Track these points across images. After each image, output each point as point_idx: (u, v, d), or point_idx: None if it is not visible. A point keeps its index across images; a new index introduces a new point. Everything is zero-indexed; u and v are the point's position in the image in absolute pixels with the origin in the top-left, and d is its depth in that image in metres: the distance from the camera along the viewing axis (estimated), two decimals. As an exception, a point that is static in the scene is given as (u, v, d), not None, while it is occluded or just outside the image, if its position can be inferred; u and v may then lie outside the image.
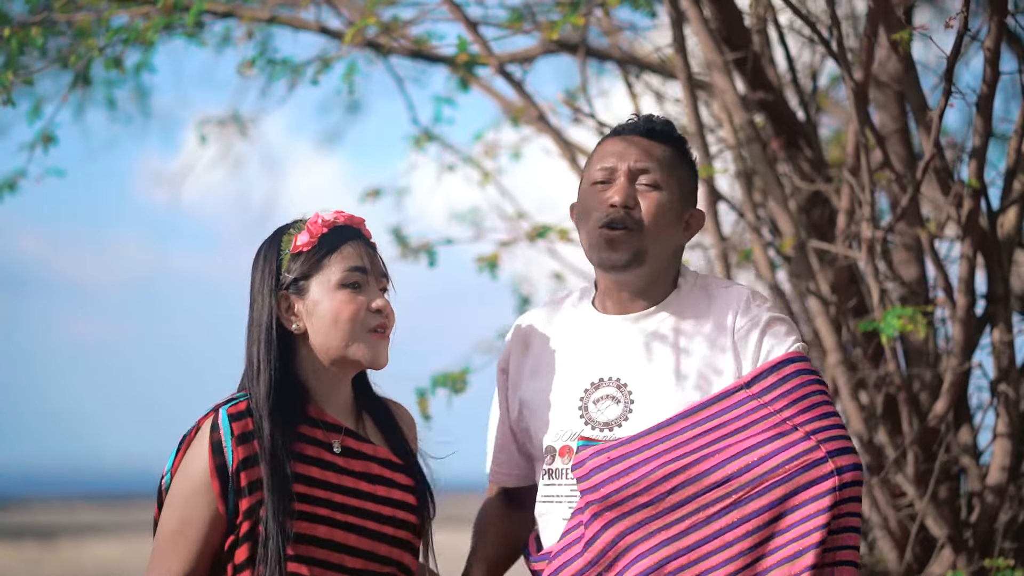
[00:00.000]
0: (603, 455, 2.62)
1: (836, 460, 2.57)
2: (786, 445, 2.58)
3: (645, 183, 2.73)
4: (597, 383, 2.73)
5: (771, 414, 2.61)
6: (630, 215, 2.71)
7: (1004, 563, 3.64)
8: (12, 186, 4.43)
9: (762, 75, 4.38)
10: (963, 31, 3.22)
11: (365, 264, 2.67)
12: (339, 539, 2.59)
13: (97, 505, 28.52)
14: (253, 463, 2.57)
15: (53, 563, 15.67)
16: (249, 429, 2.59)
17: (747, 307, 2.72)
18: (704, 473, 2.57)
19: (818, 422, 2.61)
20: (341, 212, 2.73)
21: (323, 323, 2.65)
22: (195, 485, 2.59)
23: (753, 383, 2.64)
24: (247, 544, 2.57)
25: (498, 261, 4.88)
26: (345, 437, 2.67)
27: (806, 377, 2.66)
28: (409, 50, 4.76)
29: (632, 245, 2.70)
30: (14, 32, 3.99)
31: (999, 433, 3.83)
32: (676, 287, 2.77)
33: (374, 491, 2.65)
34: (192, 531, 2.58)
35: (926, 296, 4.24)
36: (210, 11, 4.45)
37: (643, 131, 2.79)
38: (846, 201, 4.09)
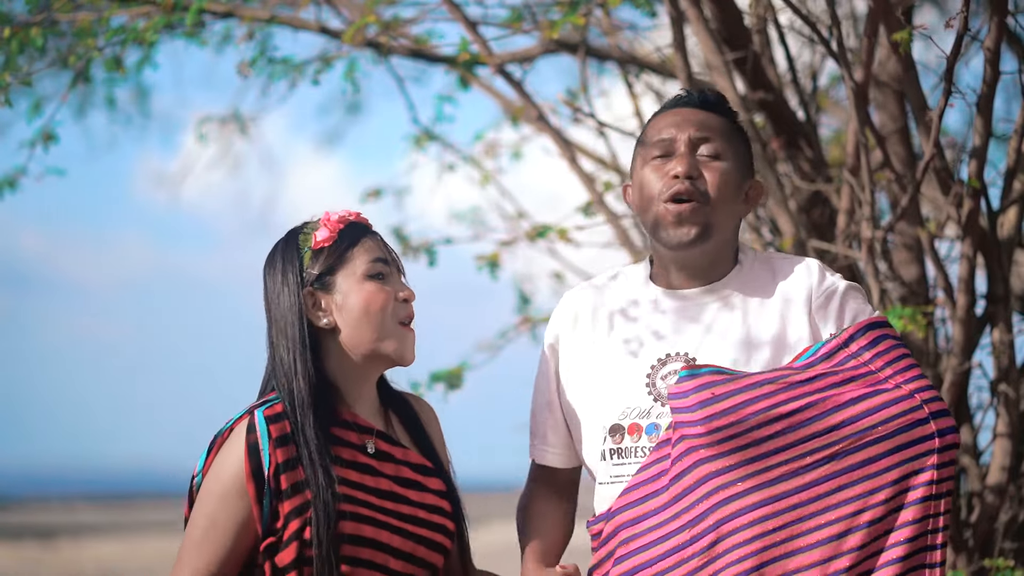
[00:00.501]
0: (707, 390, 2.53)
1: (938, 422, 2.53)
2: (890, 401, 2.53)
3: (706, 153, 2.69)
4: (664, 359, 2.67)
5: (872, 371, 2.57)
6: (695, 186, 2.66)
7: (1004, 563, 3.64)
8: (12, 184, 4.43)
9: (762, 75, 4.38)
10: (963, 31, 3.22)
11: (388, 255, 2.67)
12: (384, 540, 2.57)
13: (97, 505, 28.52)
14: (292, 466, 2.55)
15: (53, 563, 15.67)
16: (287, 431, 2.56)
17: (823, 276, 2.68)
18: (807, 421, 2.51)
19: (918, 381, 2.57)
20: (350, 211, 2.71)
21: (353, 315, 2.62)
22: (227, 487, 2.56)
23: (850, 342, 2.59)
24: (294, 544, 2.54)
25: (498, 261, 4.89)
26: (377, 439, 2.65)
27: (896, 341, 2.62)
28: (409, 50, 4.77)
29: (699, 218, 2.65)
30: (14, 32, 3.99)
31: (999, 433, 3.83)
32: (738, 262, 2.74)
33: (407, 494, 2.63)
34: (220, 532, 2.56)
35: (926, 296, 4.24)
36: (210, 11, 4.45)
37: (698, 103, 2.74)
38: (846, 201, 4.09)
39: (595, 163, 4.90)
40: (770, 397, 2.53)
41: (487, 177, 5.29)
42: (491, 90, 4.88)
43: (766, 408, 2.52)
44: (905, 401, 2.54)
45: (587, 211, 4.68)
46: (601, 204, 4.58)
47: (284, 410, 2.58)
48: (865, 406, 2.53)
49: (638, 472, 2.63)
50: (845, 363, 2.59)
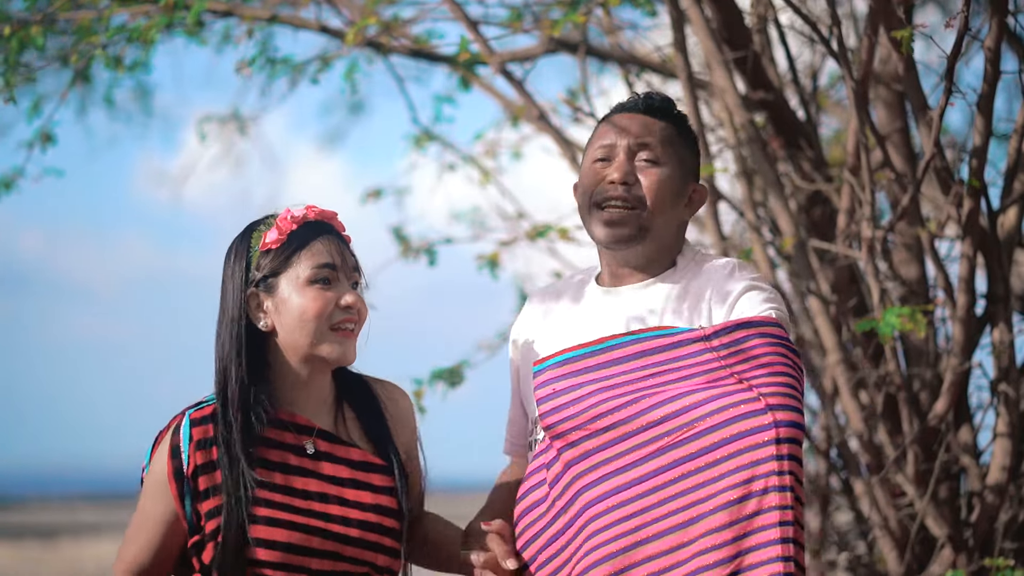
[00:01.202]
0: (548, 386, 2.65)
1: (776, 414, 2.52)
2: (726, 394, 2.56)
3: (645, 159, 2.75)
4: None
5: (721, 367, 2.60)
6: (630, 191, 2.73)
7: (1004, 563, 3.63)
8: (8, 185, 4.43)
9: (762, 75, 4.38)
10: (963, 30, 3.22)
11: (335, 260, 2.68)
12: (297, 542, 2.60)
13: (97, 505, 28.51)
14: (212, 468, 2.61)
15: (53, 563, 15.67)
16: (209, 435, 2.63)
17: (730, 275, 2.73)
18: (641, 412, 2.57)
19: (767, 379, 2.58)
20: (313, 207, 2.72)
21: (290, 320, 2.66)
22: (155, 485, 2.65)
23: (713, 337, 2.63)
24: (212, 544, 2.61)
25: (498, 260, 4.89)
26: (316, 438, 2.68)
27: (768, 339, 2.63)
28: (410, 49, 4.76)
29: (633, 222, 2.72)
30: (15, 31, 3.99)
31: (999, 433, 3.83)
32: (673, 263, 2.79)
33: (341, 494, 2.66)
34: (150, 526, 2.66)
35: (926, 296, 4.24)
36: (211, 10, 4.45)
37: (642, 108, 2.80)
38: (846, 201, 4.09)
39: (595, 163, 4.89)
40: (607, 391, 2.61)
41: (487, 177, 5.28)
42: (491, 90, 4.88)
43: (602, 401, 2.60)
44: (741, 394, 2.56)
45: (587, 211, 4.67)
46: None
47: (213, 412, 2.64)
48: (697, 398, 2.56)
49: (533, 459, 2.72)
50: (699, 355, 2.62)
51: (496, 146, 5.35)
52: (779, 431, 2.51)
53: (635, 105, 2.82)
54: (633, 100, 2.84)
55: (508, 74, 4.49)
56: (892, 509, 3.96)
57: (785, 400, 2.56)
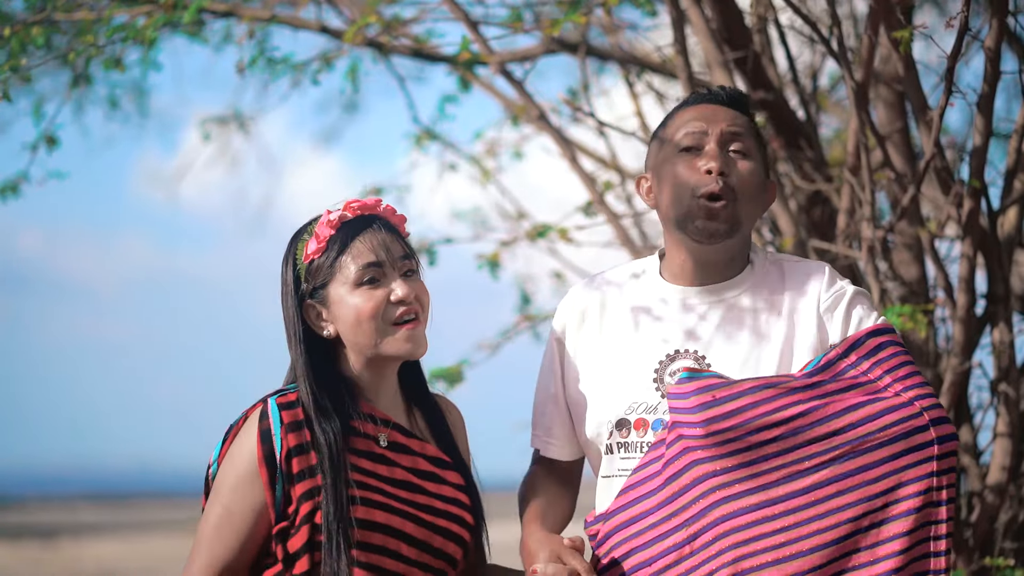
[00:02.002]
0: (708, 392, 2.55)
1: (937, 429, 2.53)
2: (890, 407, 2.54)
3: (736, 150, 2.69)
4: (673, 355, 2.68)
5: (871, 380, 2.58)
6: (728, 183, 2.66)
7: (1004, 563, 3.64)
8: (15, 188, 4.42)
9: (762, 75, 4.38)
10: (963, 31, 3.22)
11: (379, 257, 2.65)
12: (396, 525, 2.59)
13: (97, 505, 28.52)
14: (304, 450, 2.58)
15: (53, 563, 15.68)
16: (299, 418, 2.60)
17: (832, 280, 2.69)
18: (807, 426, 2.52)
19: (919, 389, 2.58)
20: (352, 203, 2.70)
21: (348, 326, 2.65)
22: (241, 474, 2.59)
23: (850, 351, 2.61)
24: (305, 527, 2.57)
25: (499, 260, 4.89)
26: (393, 432, 2.67)
27: (897, 347, 2.63)
28: (410, 49, 4.77)
29: (730, 215, 2.66)
30: (14, 31, 3.99)
31: (999, 433, 3.83)
32: (750, 262, 2.74)
33: (424, 485, 2.65)
34: (237, 520, 2.59)
35: (926, 296, 4.24)
36: (210, 10, 4.45)
37: (725, 100, 2.75)
38: (846, 201, 4.09)
39: (596, 163, 4.90)
40: (770, 402, 2.54)
41: (487, 176, 5.28)
42: (492, 89, 4.89)
43: (766, 412, 2.53)
44: (905, 408, 2.55)
45: (587, 211, 4.68)
46: (601, 204, 4.58)
47: (298, 398, 2.62)
48: (864, 412, 2.54)
49: (633, 473, 2.63)
50: (844, 372, 2.60)
51: (496, 146, 5.35)
52: (938, 447, 2.53)
53: (719, 96, 2.76)
54: (715, 91, 2.77)
55: (508, 74, 4.49)
56: (892, 509, 3.96)
57: (941, 412, 2.57)
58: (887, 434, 2.53)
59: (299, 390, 2.64)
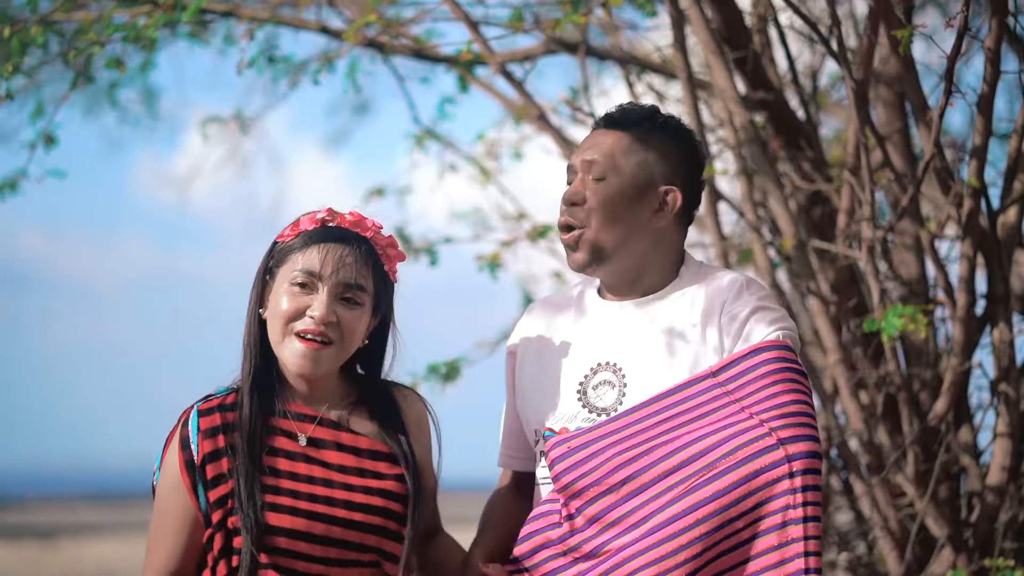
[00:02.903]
0: (563, 445, 2.64)
1: (788, 447, 2.53)
2: (737, 432, 2.56)
3: (592, 175, 2.74)
4: (596, 368, 2.73)
5: (732, 402, 2.60)
6: (574, 213, 2.72)
7: (1004, 563, 3.64)
8: (13, 186, 4.43)
9: (762, 75, 4.39)
10: (963, 31, 3.22)
11: (320, 270, 2.66)
12: (301, 528, 2.61)
13: (97, 505, 28.51)
14: (217, 456, 2.63)
15: (53, 563, 15.66)
16: (216, 424, 2.65)
17: (739, 294, 2.70)
18: (657, 461, 2.57)
19: (777, 410, 2.58)
20: (354, 215, 2.73)
21: (269, 315, 2.70)
22: (169, 481, 2.66)
23: (721, 372, 2.63)
24: (220, 534, 2.62)
25: (499, 261, 4.89)
26: (319, 427, 2.69)
27: (777, 365, 2.62)
28: (410, 49, 4.77)
29: (584, 244, 2.71)
30: (15, 31, 4.00)
31: (999, 433, 3.83)
32: (678, 275, 2.76)
33: (347, 480, 2.66)
34: (170, 525, 2.65)
35: (926, 296, 4.24)
36: (210, 10, 4.45)
37: (602, 122, 2.80)
38: (846, 201, 4.09)
39: (596, 163, 4.89)
40: (621, 443, 2.61)
41: (488, 177, 5.29)
42: (492, 90, 4.89)
43: (617, 454, 2.60)
44: (753, 430, 2.56)
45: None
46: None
47: (220, 403, 2.67)
48: (711, 441, 2.56)
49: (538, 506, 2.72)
50: (708, 392, 2.62)
51: (497, 146, 5.35)
52: (792, 465, 2.53)
53: (596, 120, 2.83)
54: (600, 117, 2.83)
55: (508, 74, 4.49)
56: (892, 509, 3.96)
57: (797, 431, 2.56)
58: (735, 458, 2.54)
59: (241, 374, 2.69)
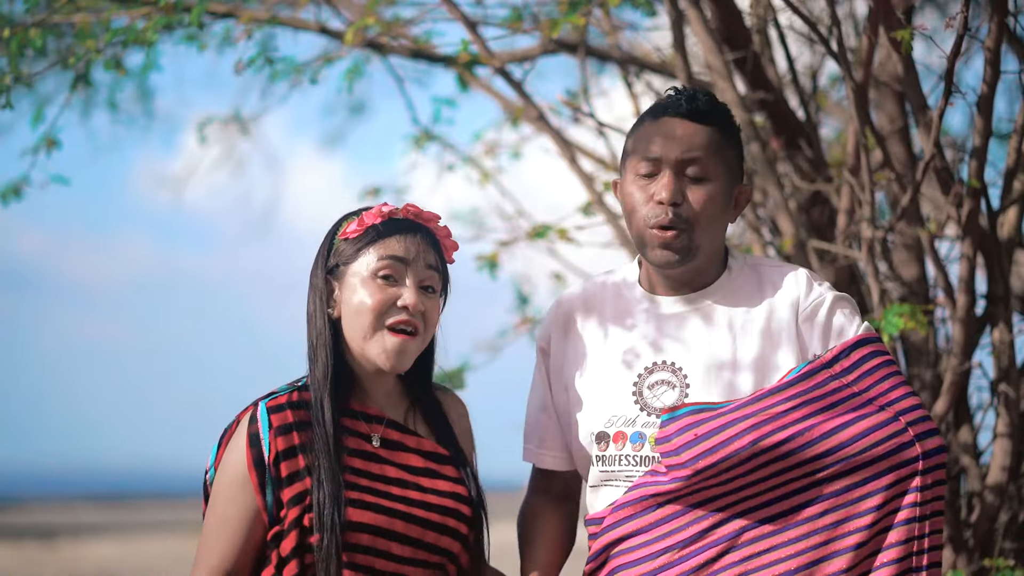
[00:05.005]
0: (690, 431, 2.56)
1: (923, 443, 2.54)
2: (874, 426, 2.54)
3: (692, 175, 2.65)
4: (651, 367, 2.68)
5: (855, 393, 2.57)
6: (679, 214, 2.63)
7: (1004, 563, 3.64)
8: (17, 192, 4.42)
9: (762, 75, 4.38)
10: (963, 31, 3.22)
11: (406, 255, 2.64)
12: (384, 525, 2.59)
13: (97, 505, 28.52)
14: (293, 454, 2.58)
15: (53, 563, 15.66)
16: (288, 421, 2.60)
17: (810, 287, 2.66)
18: (792, 452, 2.53)
19: (902, 402, 2.57)
20: (412, 206, 2.71)
21: (349, 313, 2.65)
22: (233, 479, 2.60)
23: (834, 362, 2.59)
24: (295, 532, 2.57)
25: (498, 261, 4.88)
26: (387, 429, 2.67)
27: (884, 359, 2.61)
28: (409, 50, 4.77)
29: (683, 243, 2.64)
30: (14, 33, 3.99)
31: (999, 433, 3.83)
32: (727, 268, 2.72)
33: (418, 481, 2.64)
34: (232, 525, 2.60)
35: (926, 296, 4.24)
36: (210, 11, 4.44)
37: (686, 113, 2.67)
38: (846, 201, 4.09)
39: (595, 163, 4.90)
40: (753, 431, 2.54)
41: (487, 177, 5.28)
42: (491, 90, 4.88)
43: (751, 443, 2.54)
44: (890, 424, 2.55)
45: (587, 211, 4.68)
46: (601, 204, 4.58)
47: (287, 400, 2.62)
48: (849, 433, 2.54)
49: (628, 491, 2.64)
50: (827, 384, 2.59)
51: (496, 146, 5.35)
52: (927, 462, 2.54)
53: (679, 109, 2.68)
54: (677, 102, 2.69)
55: (507, 75, 4.49)
56: (892, 509, 3.96)
57: (927, 425, 2.57)
58: (872, 453, 2.53)
59: (311, 374, 2.63)
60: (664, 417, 2.60)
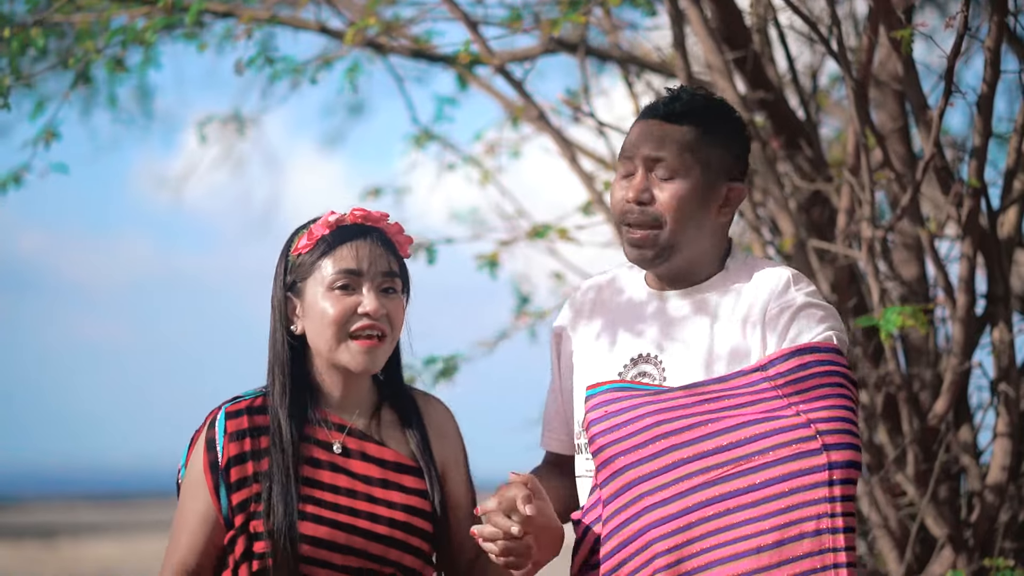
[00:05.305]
0: (602, 408, 2.60)
1: (831, 453, 2.50)
2: (782, 428, 2.51)
3: (660, 176, 2.67)
4: (636, 359, 2.70)
5: (778, 397, 2.55)
6: (645, 212, 2.66)
7: (1004, 563, 3.64)
8: (17, 179, 4.42)
9: (762, 75, 4.38)
10: (963, 30, 3.22)
11: (359, 266, 2.68)
12: (324, 536, 2.62)
13: (97, 505, 28.51)
14: (243, 460, 2.64)
15: (53, 563, 15.67)
16: (243, 427, 2.66)
17: (784, 289, 2.66)
18: (695, 440, 2.52)
19: (824, 411, 2.53)
20: (356, 210, 2.73)
21: (313, 326, 2.69)
22: (192, 480, 2.68)
23: (770, 366, 2.58)
24: (242, 538, 2.63)
25: (498, 260, 4.88)
26: (348, 437, 2.69)
27: (828, 368, 2.58)
28: (409, 50, 4.77)
29: (652, 241, 2.66)
30: (14, 33, 4.00)
31: (999, 433, 3.83)
32: (724, 267, 2.73)
33: (370, 492, 2.66)
34: (191, 525, 2.67)
35: (926, 296, 4.24)
36: (210, 11, 4.44)
37: (662, 113, 2.69)
38: (846, 200, 4.09)
39: (595, 163, 4.90)
40: (655, 415, 2.56)
41: (487, 177, 5.28)
42: (491, 90, 4.88)
43: (656, 424, 2.55)
44: (798, 429, 2.52)
45: (587, 210, 4.69)
46: (601, 203, 4.58)
47: (248, 406, 2.68)
48: (753, 431, 2.52)
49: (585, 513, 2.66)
50: (756, 384, 2.58)
51: (496, 146, 5.35)
52: (833, 473, 2.49)
53: (655, 111, 2.71)
54: (656, 104, 2.72)
55: (508, 74, 4.49)
56: (892, 509, 3.96)
57: (842, 438, 2.52)
58: (777, 454, 2.50)
59: (269, 388, 2.69)
60: (588, 392, 2.64)
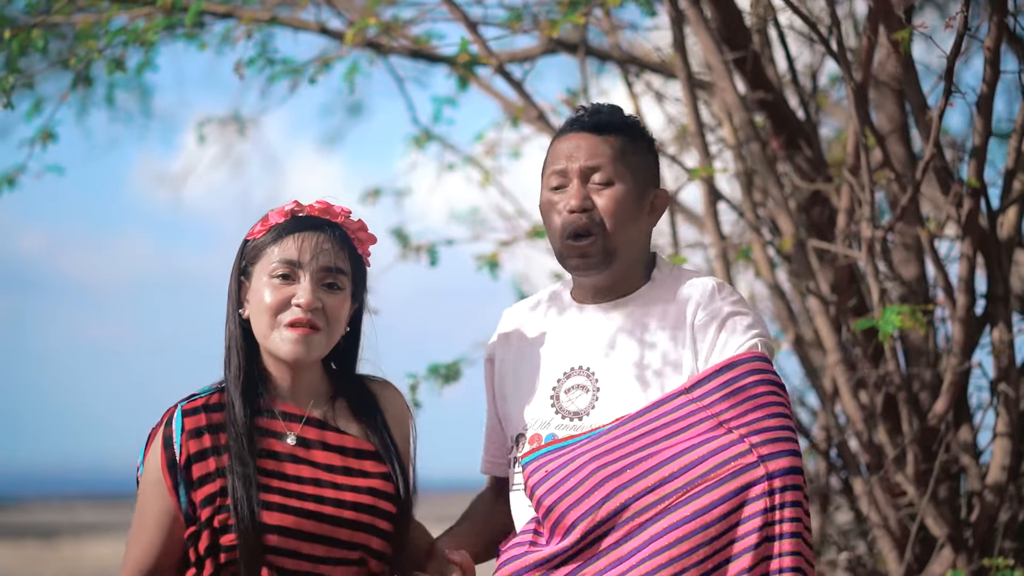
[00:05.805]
0: (542, 470, 2.63)
1: (768, 464, 2.52)
2: (717, 448, 2.54)
3: (598, 181, 2.72)
4: (569, 372, 2.74)
5: (708, 417, 2.57)
6: (591, 218, 2.70)
7: (1004, 563, 3.64)
8: (12, 181, 4.42)
9: (762, 75, 4.38)
10: (963, 31, 3.22)
11: (300, 257, 2.69)
12: (291, 525, 2.63)
13: (97, 505, 28.51)
14: (204, 456, 2.65)
15: (53, 563, 15.67)
16: (201, 424, 2.67)
17: (710, 299, 2.70)
18: (635, 479, 2.55)
19: (756, 424, 2.56)
20: (321, 203, 2.76)
21: (253, 312, 2.72)
22: (150, 479, 2.69)
23: (695, 388, 2.61)
24: (206, 532, 2.63)
25: (498, 260, 4.89)
26: (306, 427, 2.71)
27: (754, 378, 2.61)
28: (409, 50, 4.77)
29: (597, 248, 2.70)
30: (14, 34, 4.00)
31: (999, 433, 3.83)
32: (650, 279, 2.77)
33: (333, 479, 2.68)
34: (150, 524, 2.68)
35: (926, 296, 4.24)
36: (210, 11, 4.45)
37: (589, 126, 2.76)
38: (846, 200, 4.09)
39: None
40: (594, 461, 2.58)
41: (487, 177, 5.28)
42: (491, 90, 4.89)
43: (592, 473, 2.57)
44: (734, 446, 2.54)
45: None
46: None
47: (204, 403, 2.69)
48: (691, 457, 2.54)
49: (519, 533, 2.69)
50: (683, 408, 2.60)
51: (496, 146, 5.35)
52: (773, 482, 2.51)
53: (582, 123, 2.77)
54: (579, 118, 2.79)
55: (507, 74, 4.49)
56: (892, 509, 3.96)
57: (777, 446, 2.55)
58: (717, 475, 2.52)
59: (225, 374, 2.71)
60: (524, 460, 2.67)
